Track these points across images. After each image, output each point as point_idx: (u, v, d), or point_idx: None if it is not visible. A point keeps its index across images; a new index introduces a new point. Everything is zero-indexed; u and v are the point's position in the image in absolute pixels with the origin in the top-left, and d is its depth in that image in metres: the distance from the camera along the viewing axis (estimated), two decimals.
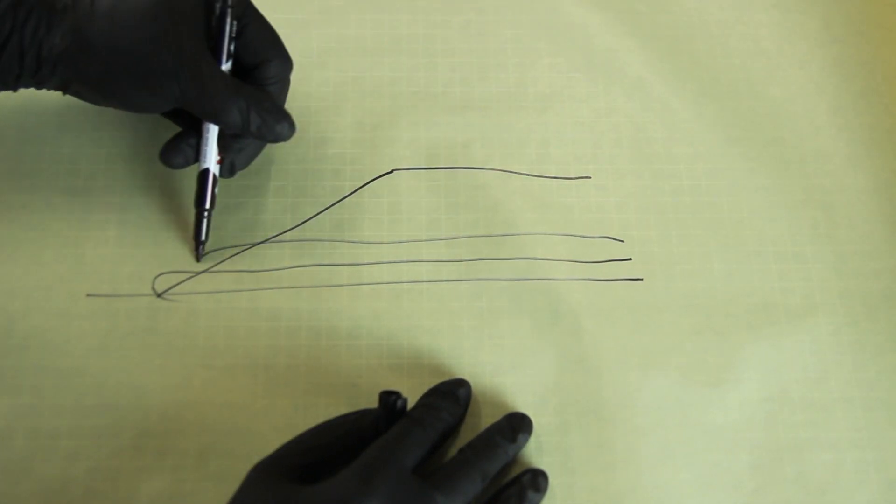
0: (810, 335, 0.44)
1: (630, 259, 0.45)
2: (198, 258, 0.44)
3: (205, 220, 0.43)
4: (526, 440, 0.40)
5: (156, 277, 0.43)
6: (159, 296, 0.43)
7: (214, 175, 0.43)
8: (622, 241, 0.46)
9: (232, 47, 0.42)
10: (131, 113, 0.43)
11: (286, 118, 0.42)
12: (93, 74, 0.39)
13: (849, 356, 0.43)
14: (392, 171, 0.47)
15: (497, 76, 0.50)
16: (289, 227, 0.45)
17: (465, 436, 0.40)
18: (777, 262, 0.45)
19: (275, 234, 0.45)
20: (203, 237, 0.43)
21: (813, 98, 0.50)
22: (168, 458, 0.40)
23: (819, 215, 0.47)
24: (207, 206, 0.43)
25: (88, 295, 0.43)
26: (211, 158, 0.43)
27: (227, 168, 0.44)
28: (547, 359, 0.43)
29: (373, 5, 0.51)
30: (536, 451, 0.41)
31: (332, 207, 0.46)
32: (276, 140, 0.42)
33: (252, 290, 0.44)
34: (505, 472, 0.39)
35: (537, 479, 0.39)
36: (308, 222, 0.45)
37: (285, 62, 0.43)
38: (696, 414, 0.42)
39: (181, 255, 0.44)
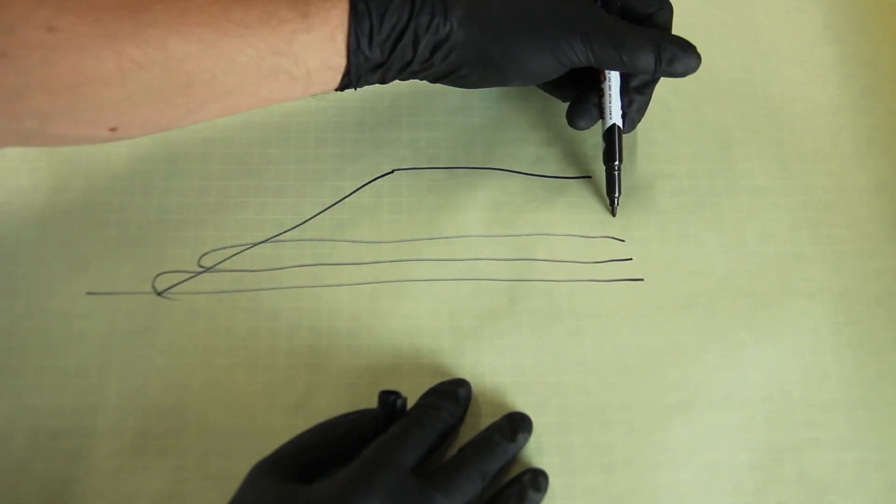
0: (810, 335, 0.44)
1: (630, 259, 0.45)
2: (614, 213, 0.46)
3: (617, 175, 0.45)
4: (526, 440, 0.40)
5: (156, 276, 0.43)
6: (159, 294, 0.43)
7: (620, 129, 0.44)
8: (622, 241, 0.46)
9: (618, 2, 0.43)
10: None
11: (692, 48, 0.42)
12: (495, 53, 0.39)
13: (849, 356, 0.43)
14: (392, 171, 0.47)
15: None
16: (289, 227, 0.45)
17: (466, 435, 0.40)
18: (777, 261, 0.45)
19: (275, 234, 0.45)
20: (617, 192, 0.45)
21: (813, 98, 0.50)
22: (168, 458, 0.40)
23: (819, 215, 0.47)
24: (618, 161, 0.44)
25: (88, 293, 0.43)
26: (616, 113, 0.44)
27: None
28: (547, 359, 0.43)
29: None
30: (536, 451, 0.41)
31: (333, 207, 0.46)
32: (685, 73, 0.42)
33: (252, 290, 0.44)
34: (505, 471, 0.39)
35: (538, 479, 0.39)
36: (308, 222, 0.45)
37: (669, 9, 0.43)
38: (697, 414, 0.42)
39: (181, 254, 0.44)
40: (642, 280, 0.45)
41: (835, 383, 0.43)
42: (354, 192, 0.46)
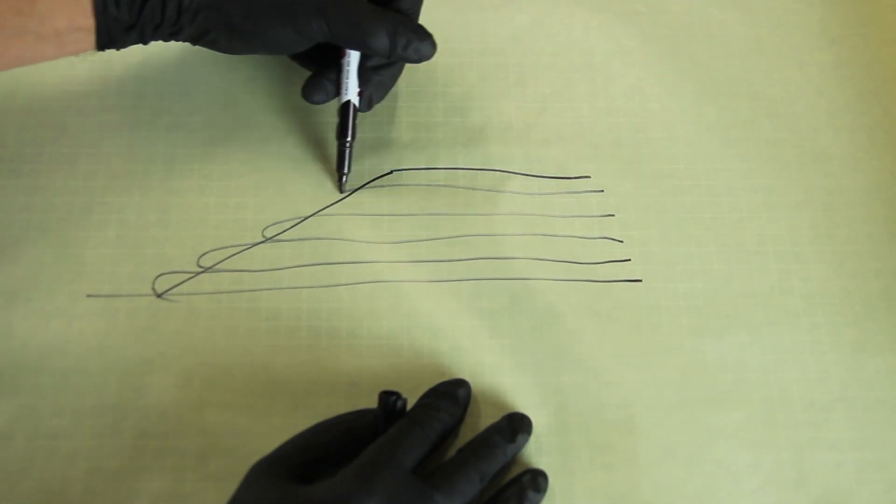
0: (810, 335, 0.44)
1: (629, 260, 0.45)
2: (341, 189, 0.46)
3: (347, 152, 0.45)
4: (525, 440, 0.40)
5: (156, 278, 0.43)
6: (159, 296, 0.43)
7: (355, 106, 0.44)
8: (621, 242, 0.46)
9: None
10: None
11: (428, 37, 0.43)
12: (237, 20, 0.40)
13: (849, 356, 0.43)
14: (392, 172, 0.47)
15: (497, 76, 0.50)
16: (288, 227, 0.45)
17: (465, 436, 0.40)
18: (777, 262, 0.45)
19: (274, 233, 0.45)
20: (346, 169, 0.45)
21: (812, 99, 0.50)
22: (168, 458, 0.40)
23: (819, 215, 0.47)
24: (349, 137, 0.45)
25: (88, 295, 0.43)
26: (352, 90, 0.44)
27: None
28: (547, 359, 0.43)
29: None
30: (536, 451, 0.41)
31: (332, 207, 0.46)
32: (419, 60, 0.43)
33: (252, 290, 0.44)
34: (504, 472, 0.39)
35: (537, 480, 0.39)
36: (307, 222, 0.45)
37: None
38: (696, 414, 0.42)
39: (181, 254, 0.44)
40: (641, 281, 0.45)
41: (835, 383, 0.43)
42: (354, 191, 0.46)
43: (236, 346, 0.42)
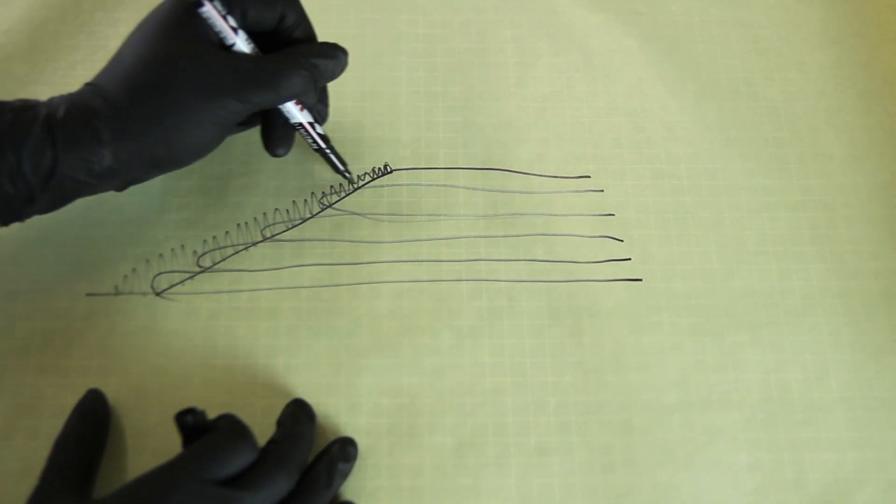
0: (810, 335, 0.44)
1: (629, 259, 0.45)
2: (351, 181, 0.46)
3: (331, 155, 0.45)
4: (313, 418, 0.40)
5: (155, 277, 0.43)
6: (158, 294, 0.43)
7: (306, 124, 0.42)
8: (622, 241, 0.46)
9: (239, 33, 0.39)
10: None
11: (336, 49, 0.40)
12: (148, 168, 0.38)
13: (849, 356, 0.43)
14: (392, 171, 0.47)
15: (497, 76, 0.50)
16: (289, 227, 0.45)
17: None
18: (777, 262, 0.45)
19: (274, 233, 0.45)
20: (342, 166, 0.45)
21: (812, 99, 0.50)
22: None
23: (819, 215, 0.47)
24: (324, 144, 0.44)
25: (88, 294, 0.43)
26: (300, 116, 0.42)
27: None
28: (547, 359, 0.43)
29: (373, 5, 0.51)
30: (536, 451, 0.41)
31: (332, 207, 0.46)
32: (341, 73, 0.41)
33: (252, 289, 0.44)
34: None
35: (346, 449, 0.39)
36: (307, 222, 0.45)
37: (300, 19, 0.41)
38: (696, 414, 0.42)
39: (180, 254, 0.44)
40: (641, 280, 0.45)
41: (834, 383, 0.43)
42: (354, 191, 0.46)
43: (236, 346, 0.42)
